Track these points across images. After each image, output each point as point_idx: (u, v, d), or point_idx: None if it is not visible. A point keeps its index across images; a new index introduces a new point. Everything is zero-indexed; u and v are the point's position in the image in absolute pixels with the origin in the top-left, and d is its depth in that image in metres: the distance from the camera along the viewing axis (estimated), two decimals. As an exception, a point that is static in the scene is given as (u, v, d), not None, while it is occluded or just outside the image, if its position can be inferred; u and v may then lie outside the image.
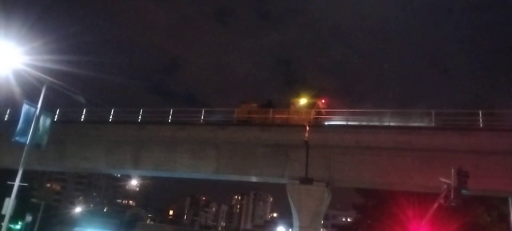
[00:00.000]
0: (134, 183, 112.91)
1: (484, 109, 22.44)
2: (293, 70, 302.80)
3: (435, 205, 17.27)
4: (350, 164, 23.24)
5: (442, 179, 16.96)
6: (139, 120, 28.18)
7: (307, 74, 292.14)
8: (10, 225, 34.06)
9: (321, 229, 25.04)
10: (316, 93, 27.93)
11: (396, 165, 22.28)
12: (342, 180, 24.09)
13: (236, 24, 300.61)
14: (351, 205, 43.10)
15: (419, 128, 22.92)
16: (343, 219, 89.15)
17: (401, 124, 23.55)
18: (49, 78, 19.01)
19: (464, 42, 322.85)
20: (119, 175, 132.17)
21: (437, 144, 21.52)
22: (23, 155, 18.48)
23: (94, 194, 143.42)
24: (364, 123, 24.44)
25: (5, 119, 30.68)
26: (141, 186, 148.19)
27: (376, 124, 24.04)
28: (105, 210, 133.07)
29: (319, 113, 25.70)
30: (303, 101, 26.97)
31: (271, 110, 26.92)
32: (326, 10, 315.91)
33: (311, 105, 26.34)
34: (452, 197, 16.36)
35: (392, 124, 23.35)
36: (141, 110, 28.31)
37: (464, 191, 16.26)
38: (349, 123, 24.27)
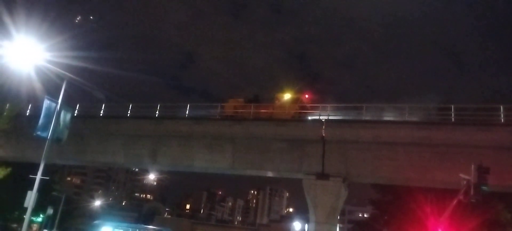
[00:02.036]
0: (151, 177, 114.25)
1: (503, 103, 21.88)
2: (308, 64, 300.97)
3: (454, 202, 16.99)
4: (367, 159, 23.05)
5: (462, 175, 16.66)
6: (156, 115, 28.50)
7: (322, 68, 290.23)
8: (32, 217, 34.96)
9: (338, 225, 24.96)
10: (300, 88, 29.11)
11: (414, 161, 21.99)
12: (359, 176, 23.94)
13: (250, 18, 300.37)
14: (368, 200, 42.87)
15: (438, 123, 22.54)
16: (360, 215, 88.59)
17: (419, 119, 23.21)
18: (68, 74, 19.34)
19: (481, 35, 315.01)
20: (137, 169, 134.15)
21: (456, 140, 21.14)
22: (45, 149, 18.86)
23: (113, 188, 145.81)
24: (373, 118, 24.19)
25: (27, 114, 31.40)
26: (159, 180, 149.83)
27: (393, 118, 23.75)
28: (123, 204, 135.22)
29: (303, 107, 26.27)
30: (287, 96, 27.84)
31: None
32: (340, 3, 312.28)
33: (295, 100, 27.25)
34: (471, 193, 16.08)
35: (409, 119, 23.03)
36: (158, 105, 28.62)
37: (484, 188, 15.96)
38: (366, 118, 24.01)
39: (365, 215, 76.00)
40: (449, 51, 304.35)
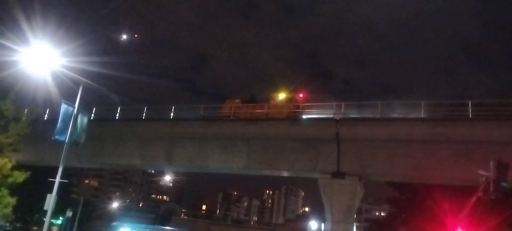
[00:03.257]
0: (167, 178, 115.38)
1: None
2: (320, 63, 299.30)
3: (473, 199, 16.67)
4: (383, 157, 22.82)
5: (481, 172, 16.32)
6: (171, 117, 28.70)
7: (334, 66, 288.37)
8: (52, 220, 35.61)
9: (354, 224, 24.80)
10: (295, 88, 29.57)
11: (431, 158, 21.68)
12: (375, 174, 23.73)
13: (261, 18, 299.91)
14: (385, 199, 42.43)
15: (455, 119, 22.17)
16: (377, 213, 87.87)
17: (435, 116, 22.90)
18: (83, 79, 19.61)
19: (497, 29, 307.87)
20: (153, 171, 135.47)
21: (474, 136, 20.77)
22: (63, 153, 19.14)
23: (130, 189, 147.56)
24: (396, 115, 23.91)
25: (45, 119, 31.96)
26: (174, 182, 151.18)
27: (409, 116, 23.47)
28: (140, 205, 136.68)
29: (297, 107, 26.63)
30: (281, 95, 28.34)
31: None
32: (351, 0, 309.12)
33: (289, 100, 27.73)
34: (491, 190, 15.73)
35: (426, 116, 22.72)
36: (173, 107, 28.84)
37: (504, 184, 15.59)
38: (381, 116, 23.76)
39: (382, 214, 75.31)
40: (464, 46, 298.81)
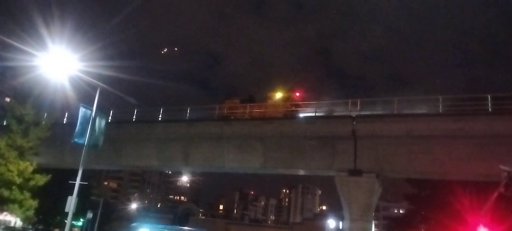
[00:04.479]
0: (184, 179, 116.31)
1: None
2: (333, 60, 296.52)
3: (495, 195, 16.31)
4: (400, 154, 22.53)
5: (502, 166, 15.95)
6: (187, 118, 28.91)
7: (348, 62, 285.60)
8: (73, 222, 36.25)
9: (373, 222, 24.57)
10: (292, 87, 30.06)
11: (450, 154, 21.31)
12: (392, 171, 23.44)
13: (272, 16, 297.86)
14: (403, 196, 41.89)
15: (475, 114, 21.73)
16: (395, 211, 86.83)
17: (454, 111, 22.50)
18: (100, 84, 19.89)
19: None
20: (170, 172, 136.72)
21: (495, 130, 20.32)
22: (82, 155, 19.47)
23: (148, 190, 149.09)
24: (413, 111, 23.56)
25: (64, 122, 32.57)
26: (192, 182, 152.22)
27: (427, 111, 23.12)
28: (159, 206, 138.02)
29: (295, 105, 26.91)
30: (278, 95, 28.72)
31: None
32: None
33: (286, 99, 28.08)
34: (513, 185, 15.36)
35: (444, 111, 22.34)
36: (189, 108, 29.06)
37: (526, 179, 15.21)
38: (398, 112, 23.46)
39: (401, 211, 74.39)
40: (479, 38, 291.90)
